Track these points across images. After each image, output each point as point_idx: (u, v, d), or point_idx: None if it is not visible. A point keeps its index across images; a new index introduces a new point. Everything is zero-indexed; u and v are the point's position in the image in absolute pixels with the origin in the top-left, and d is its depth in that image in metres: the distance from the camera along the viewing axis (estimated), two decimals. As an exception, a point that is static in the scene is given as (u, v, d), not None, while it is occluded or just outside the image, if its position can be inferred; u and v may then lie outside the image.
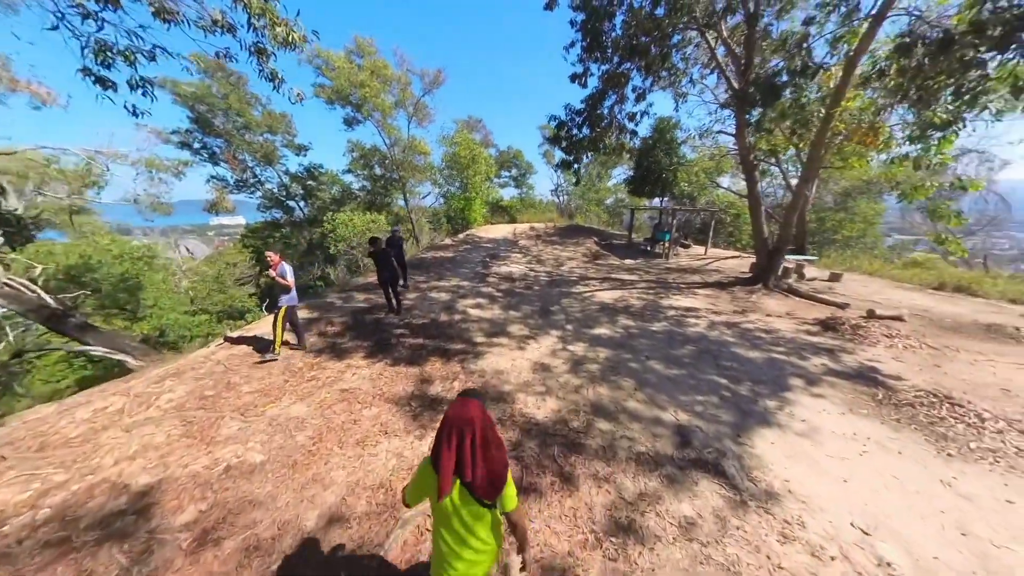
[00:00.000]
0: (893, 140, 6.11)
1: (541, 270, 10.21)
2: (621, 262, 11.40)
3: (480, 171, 15.97)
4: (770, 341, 5.38)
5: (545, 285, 8.67)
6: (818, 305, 7.00)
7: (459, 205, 16.17)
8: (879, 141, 6.22)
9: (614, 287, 8.49)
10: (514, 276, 9.46)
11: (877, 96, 5.92)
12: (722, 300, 7.50)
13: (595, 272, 10.06)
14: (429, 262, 11.02)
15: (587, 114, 9.11)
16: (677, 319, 6.35)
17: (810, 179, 7.02)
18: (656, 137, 13.33)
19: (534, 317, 6.45)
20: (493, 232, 16.53)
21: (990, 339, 5.50)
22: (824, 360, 4.78)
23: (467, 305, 7.02)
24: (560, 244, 14.20)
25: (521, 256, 12.11)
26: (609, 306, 7.06)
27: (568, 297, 7.70)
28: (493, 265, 10.64)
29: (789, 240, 7.82)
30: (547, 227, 17.24)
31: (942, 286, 9.00)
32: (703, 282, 8.95)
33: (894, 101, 5.37)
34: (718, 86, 12.44)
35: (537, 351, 5.03)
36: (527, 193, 31.89)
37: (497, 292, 8.00)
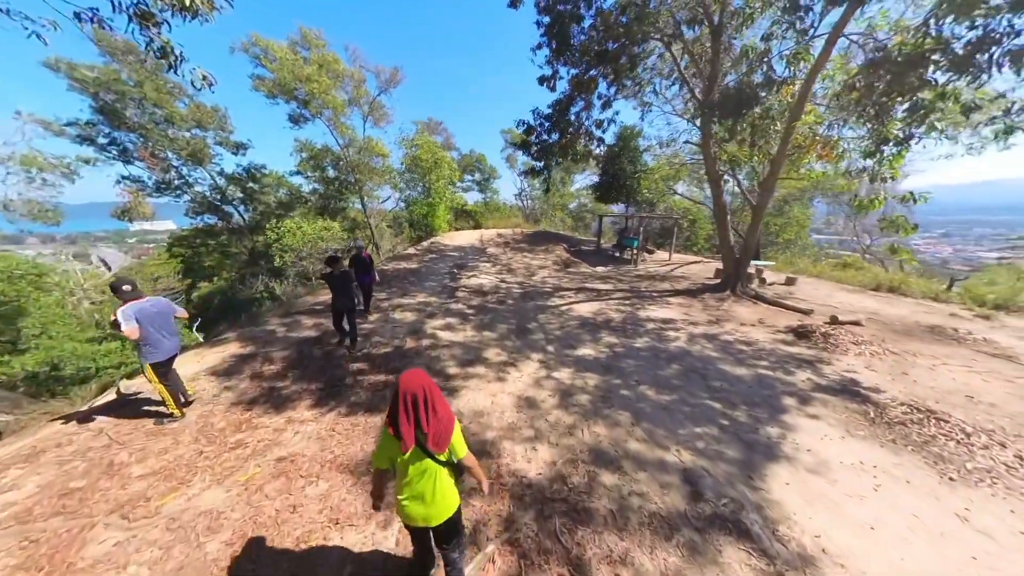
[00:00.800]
0: (846, 154, 6.46)
1: (513, 281, 9.70)
2: (593, 270, 11.25)
3: (443, 175, 15.18)
4: (752, 355, 5.30)
5: (519, 298, 8.16)
6: (785, 311, 7.19)
7: (422, 211, 15.23)
8: (834, 155, 6.54)
9: (590, 298, 8.20)
10: (485, 289, 8.85)
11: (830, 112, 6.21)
12: (695, 309, 7.47)
13: (569, 281, 9.75)
14: (391, 275, 10.05)
15: (555, 119, 8.81)
16: (657, 332, 6.14)
17: (772, 189, 7.25)
18: (621, 145, 13.48)
19: (511, 338, 5.89)
20: (459, 239, 15.77)
21: (936, 341, 5.88)
22: (808, 374, 4.73)
23: (436, 327, 6.29)
24: (530, 251, 13.82)
25: (490, 265, 11.52)
26: (589, 321, 6.70)
27: (545, 311, 7.24)
28: (462, 277, 9.94)
29: (753, 247, 8.04)
30: (515, 233, 16.83)
31: (879, 287, 9.84)
32: (674, 290, 8.97)
33: (851, 116, 5.63)
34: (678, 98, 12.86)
35: (519, 381, 4.47)
36: (491, 198, 31.41)
37: (468, 309, 7.34)
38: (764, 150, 7.62)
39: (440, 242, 14.93)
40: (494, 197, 31.69)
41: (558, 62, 7.76)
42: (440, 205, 15.47)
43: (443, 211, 15.83)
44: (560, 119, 8.72)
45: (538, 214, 31.34)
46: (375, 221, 24.81)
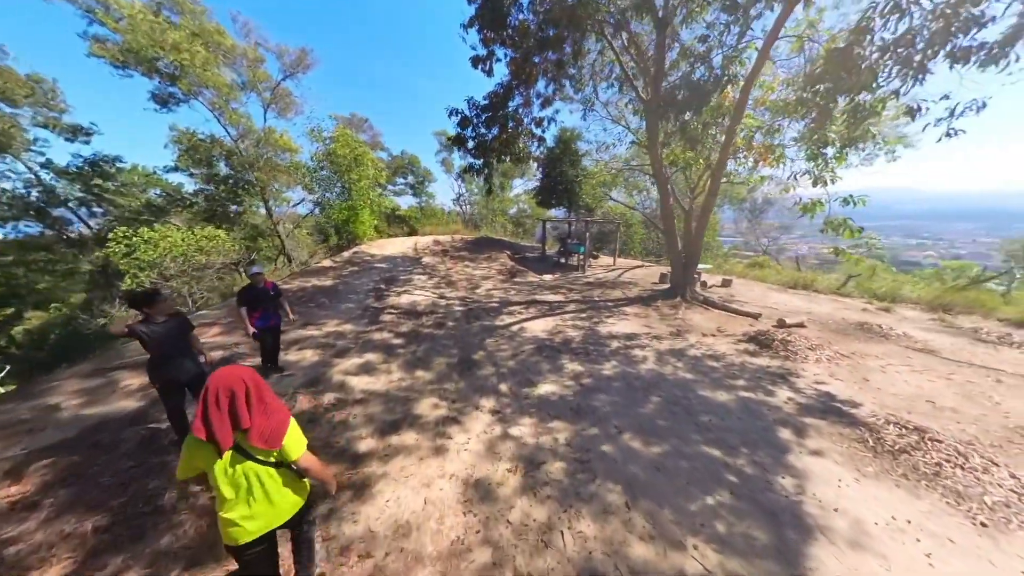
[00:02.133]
0: (784, 158, 6.59)
1: (453, 296, 8.33)
2: (540, 279, 10.42)
3: (367, 175, 13.11)
4: (725, 373, 4.78)
5: (461, 319, 6.83)
6: (736, 316, 7.08)
7: (341, 216, 12.93)
8: (773, 158, 6.64)
9: (543, 312, 7.24)
10: (419, 308, 7.33)
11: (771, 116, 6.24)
12: (654, 319, 6.99)
13: (517, 294, 8.72)
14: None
15: (493, 112, 7.76)
16: (624, 353, 5.37)
17: (716, 192, 7.17)
18: (562, 148, 13.05)
19: (453, 377, 4.56)
20: (389, 247, 13.79)
21: (869, 339, 6.12)
22: (786, 392, 4.30)
23: (347, 369, 4.66)
24: (471, 260, 12.54)
25: (426, 278, 9.96)
26: (546, 343, 5.68)
27: (493, 334, 6.04)
28: (390, 294, 8.24)
29: (699, 252, 7.94)
30: (454, 240, 15.40)
31: (795, 285, 10.73)
32: (627, 297, 8.52)
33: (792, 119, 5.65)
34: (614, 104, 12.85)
35: (465, 451, 3.18)
36: (427, 202, 29.39)
37: (396, 339, 5.79)
38: (704, 153, 7.54)
39: (365, 252, 12.80)
40: (430, 201, 29.71)
41: (494, 41, 6.73)
42: (364, 209, 13.33)
43: (368, 216, 13.70)
44: (498, 112, 7.70)
45: (479, 220, 30.24)
46: (286, 229, 21.18)
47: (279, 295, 4.30)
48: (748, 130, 6.61)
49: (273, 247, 21.39)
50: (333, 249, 13.06)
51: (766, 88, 6.51)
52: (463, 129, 7.50)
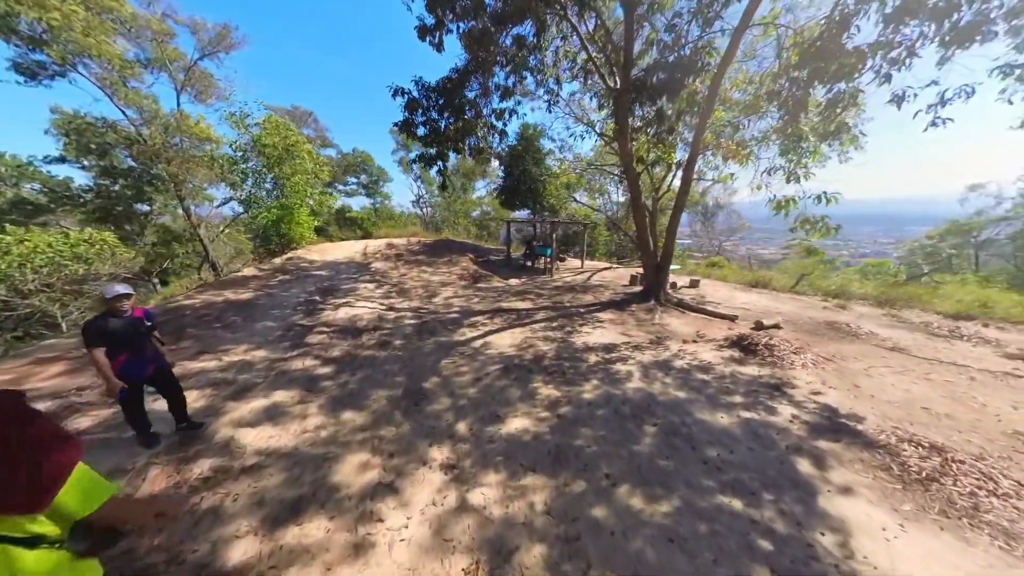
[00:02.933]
0: (754, 155, 6.37)
1: (405, 307, 7.17)
2: (506, 283, 9.55)
3: (303, 168, 11.42)
4: (718, 387, 4.20)
5: (413, 335, 5.73)
6: (713, 319, 6.71)
7: (271, 216, 11.10)
8: (742, 154, 6.40)
9: (510, 323, 6.35)
10: (360, 324, 6.10)
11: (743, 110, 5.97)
12: (630, 325, 6.40)
13: (480, 301, 7.75)
14: (196, 316, 6.26)
15: (447, 99, 6.79)
16: (604, 369, 4.63)
17: (687, 191, 6.81)
18: (524, 144, 12.37)
19: (394, 418, 3.49)
20: (333, 252, 12.15)
21: (843, 339, 5.98)
22: (788, 408, 3.78)
23: (244, 417, 3.40)
24: (429, 264, 11.35)
25: (374, 286, 8.66)
26: (515, 361, 4.78)
27: (452, 353, 5.03)
28: (325, 307, 6.89)
29: (672, 253, 7.57)
30: (410, 243, 14.07)
31: (756, 284, 10.92)
32: (598, 302, 7.91)
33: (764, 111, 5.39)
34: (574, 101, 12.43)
35: (401, 544, 2.16)
36: (382, 203, 27.45)
37: (323, 366, 4.56)
38: (672, 150, 7.17)
39: (303, 257, 11.08)
40: (385, 202, 27.77)
41: (443, 9, 5.77)
42: (300, 209, 11.59)
43: (306, 216, 11.96)
44: (454, 98, 6.74)
45: (439, 222, 28.84)
46: (211, 232, 18.38)
47: (152, 326, 2.95)
48: (717, 125, 6.34)
49: (195, 254, 18.44)
50: (261, 255, 11.16)
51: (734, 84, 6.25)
52: (411, 113, 6.44)
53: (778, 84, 4.89)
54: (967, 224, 23.10)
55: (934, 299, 8.79)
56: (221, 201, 18.47)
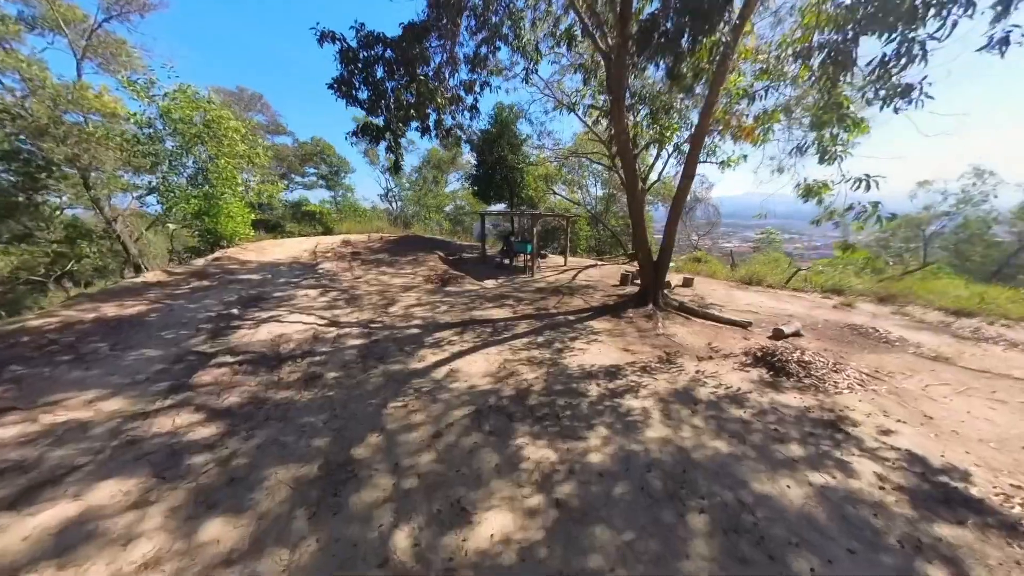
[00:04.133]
0: (771, 132, 5.41)
1: (352, 321, 5.68)
2: (481, 285, 8.22)
3: (234, 151, 9.46)
4: (766, 432, 3.13)
5: (355, 362, 4.30)
6: (723, 327, 5.74)
7: (189, 208, 9.09)
8: (756, 134, 5.44)
9: (485, 340, 5.05)
10: (284, 349, 4.58)
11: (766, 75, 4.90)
12: (631, 337, 5.28)
13: (449, 310, 6.38)
14: (33, 346, 4.45)
15: (399, 52, 5.30)
16: (611, 408, 3.45)
17: (692, 174, 5.77)
18: (498, 128, 11.00)
19: (291, 531, 2.11)
20: (274, 251, 10.28)
21: (875, 347, 5.17)
22: (869, 464, 2.76)
23: (12, 548, 1.89)
24: (391, 264, 9.79)
25: (318, 293, 7.06)
26: (490, 400, 3.50)
27: (403, 392, 3.66)
28: (243, 325, 5.27)
29: (671, 249, 6.54)
30: (371, 240, 12.37)
31: (751, 281, 10.23)
32: (589, 307, 6.78)
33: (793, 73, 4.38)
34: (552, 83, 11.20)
35: None
36: (344, 196, 25.13)
37: (206, 425, 3.06)
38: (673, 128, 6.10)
39: (234, 258, 9.18)
40: (348, 196, 25.45)
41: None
42: (232, 200, 9.64)
43: (239, 209, 9.99)
44: (409, 51, 5.26)
45: (410, 217, 26.89)
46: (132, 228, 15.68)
47: None
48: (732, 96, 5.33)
49: (113, 254, 15.66)
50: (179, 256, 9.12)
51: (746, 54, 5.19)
52: (348, 68, 4.90)
53: (815, 38, 3.89)
54: (916, 219, 24.21)
55: (926, 294, 8.38)
56: (146, 190, 15.74)
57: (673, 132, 6.43)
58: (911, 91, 3.38)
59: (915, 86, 3.35)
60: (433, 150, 27.87)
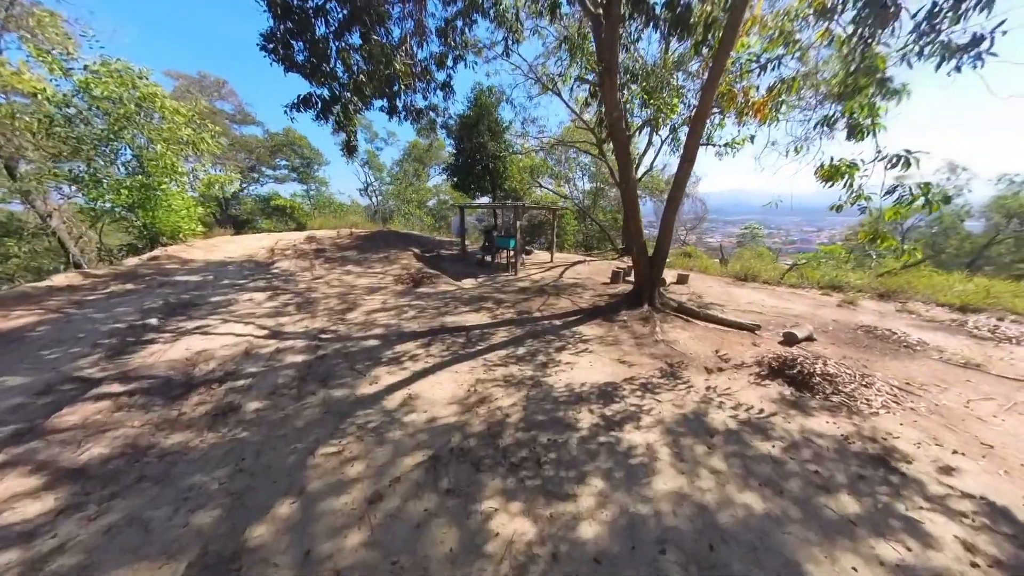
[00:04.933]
0: (786, 107, 4.76)
1: (297, 331, 4.76)
2: (458, 286, 7.39)
3: (174, 134, 8.26)
4: (804, 476, 2.45)
5: (288, 387, 3.42)
6: (728, 330, 5.10)
7: (119, 200, 7.88)
8: (767, 110, 4.78)
9: (455, 352, 4.24)
10: (200, 372, 3.65)
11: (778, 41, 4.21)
12: (626, 345, 4.57)
13: (418, 315, 5.53)
14: None
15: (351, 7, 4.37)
16: (607, 445, 2.71)
17: (693, 158, 5.08)
18: (477, 112, 10.10)
19: None
20: (227, 249, 9.14)
21: (897, 353, 4.61)
22: (944, 524, 2.10)
23: None
24: (358, 262, 8.83)
25: (265, 296, 6.08)
26: (452, 441, 2.70)
27: (340, 430, 2.82)
28: (159, 338, 4.28)
29: (669, 243, 5.86)
30: (340, 236, 11.32)
31: (745, 277, 9.74)
32: (578, 309, 6.05)
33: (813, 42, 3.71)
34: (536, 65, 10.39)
35: None
36: (318, 190, 23.70)
37: (40, 497, 2.15)
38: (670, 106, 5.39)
39: (176, 256, 8.03)
40: (322, 189, 24.01)
41: None
42: (175, 192, 8.46)
43: (184, 202, 8.80)
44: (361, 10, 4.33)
45: (390, 212, 25.67)
46: (72, 226, 14.09)
47: None
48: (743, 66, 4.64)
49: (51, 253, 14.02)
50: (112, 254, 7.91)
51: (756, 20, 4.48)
52: (280, 22, 3.92)
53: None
54: None
55: (924, 289, 8.03)
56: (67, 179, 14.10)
57: (672, 111, 5.70)
58: (979, 44, 2.72)
59: (986, 36, 2.69)
60: (414, 142, 26.68)
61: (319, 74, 4.25)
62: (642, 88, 5.15)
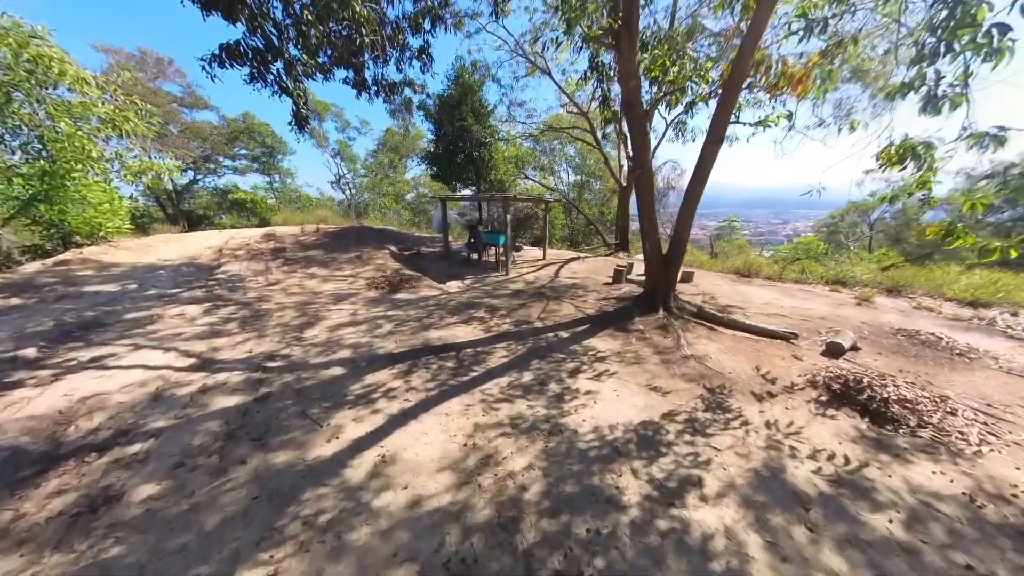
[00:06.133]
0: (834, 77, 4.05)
1: (236, 358, 3.67)
2: (443, 289, 6.41)
3: (87, 110, 6.71)
4: (940, 562, 1.73)
5: (207, 450, 2.39)
6: (758, 339, 4.43)
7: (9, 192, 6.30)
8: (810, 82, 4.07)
9: (443, 383, 3.30)
10: (75, 432, 2.54)
11: None
12: (650, 363, 3.79)
13: (394, 330, 4.53)
14: None
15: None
16: (676, 540, 1.89)
17: (722, 138, 4.33)
18: (459, 92, 9.01)
19: None
20: (164, 250, 7.69)
21: (953, 363, 4.08)
22: None
23: None
24: (325, 264, 7.64)
25: (201, 311, 4.88)
26: (448, 546, 1.79)
27: (276, 528, 1.85)
28: (26, 380, 3.10)
29: (687, 240, 5.12)
30: (304, 233, 9.99)
31: (748, 273, 9.28)
32: (584, 315, 5.24)
33: None
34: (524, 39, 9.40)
35: None
36: (283, 182, 21.74)
37: None
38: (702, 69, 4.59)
39: (94, 260, 6.57)
40: (288, 181, 22.03)
41: None
42: (91, 182, 6.94)
43: (105, 193, 7.28)
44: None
45: (364, 206, 24.03)
46: None
47: None
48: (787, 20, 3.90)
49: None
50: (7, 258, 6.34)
51: None
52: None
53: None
54: (863, 204, 25.51)
55: (926, 283, 7.80)
56: None
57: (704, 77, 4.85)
58: None
59: None
60: (389, 131, 25.03)
61: (235, 10, 3.12)
62: (665, 50, 4.31)
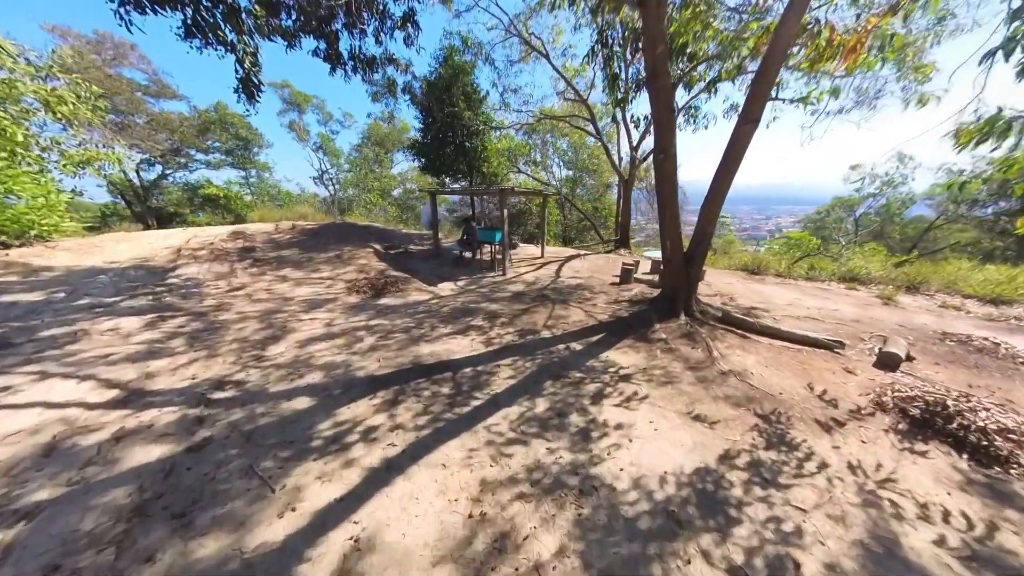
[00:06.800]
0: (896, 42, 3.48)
1: (173, 387, 2.91)
2: (434, 292, 5.69)
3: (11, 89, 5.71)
4: None
5: (104, 541, 1.65)
6: (798, 348, 3.88)
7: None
8: (866, 50, 3.51)
9: (437, 417, 2.63)
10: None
11: None
12: (683, 382, 3.20)
13: (378, 343, 3.81)
14: None
15: None
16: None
17: (758, 117, 3.75)
18: (449, 74, 8.24)
19: None
20: (112, 251, 6.73)
21: (1015, 373, 3.62)
22: None
23: None
24: (299, 265, 6.81)
25: (142, 324, 4.05)
26: None
27: None
28: None
29: (711, 237, 4.55)
30: (279, 230, 9.08)
31: (757, 270, 8.83)
32: (596, 321, 4.62)
33: None
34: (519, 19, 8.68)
35: None
36: (260, 177, 20.48)
37: None
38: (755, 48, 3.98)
39: (19, 264, 5.59)
40: (265, 176, 20.76)
41: None
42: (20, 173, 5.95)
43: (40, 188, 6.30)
44: None
45: (348, 202, 22.93)
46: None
47: None
48: None
49: None
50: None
51: None
52: None
53: None
54: (848, 200, 25.74)
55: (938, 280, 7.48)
56: None
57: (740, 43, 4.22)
58: None
59: None
60: (375, 124, 23.89)
61: None
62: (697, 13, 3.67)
